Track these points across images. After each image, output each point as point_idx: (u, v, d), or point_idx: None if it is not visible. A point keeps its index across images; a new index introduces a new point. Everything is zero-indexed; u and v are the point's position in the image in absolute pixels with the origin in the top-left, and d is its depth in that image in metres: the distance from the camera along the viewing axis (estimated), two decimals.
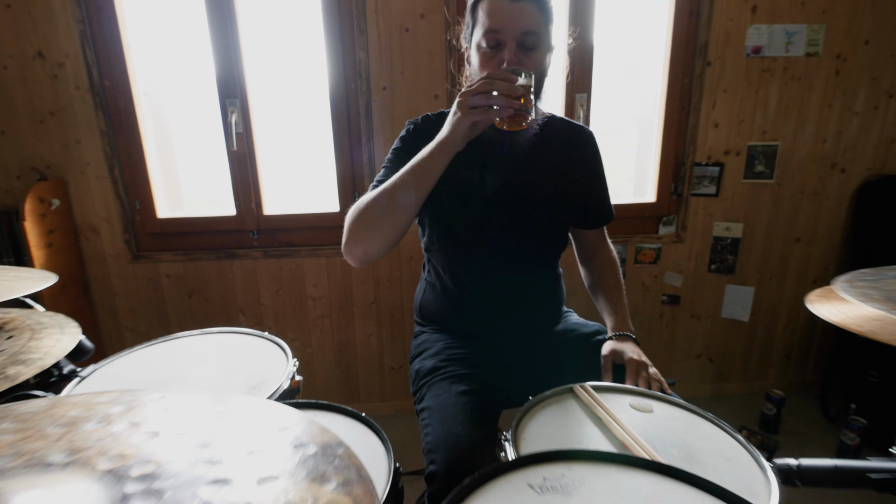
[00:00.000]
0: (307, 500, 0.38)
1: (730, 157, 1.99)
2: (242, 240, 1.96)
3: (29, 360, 0.73)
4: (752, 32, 1.86)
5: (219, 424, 0.46)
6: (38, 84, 1.74)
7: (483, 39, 0.96)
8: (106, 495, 0.36)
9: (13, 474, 0.37)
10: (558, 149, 1.11)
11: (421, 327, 1.23)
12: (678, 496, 0.53)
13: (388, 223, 0.95)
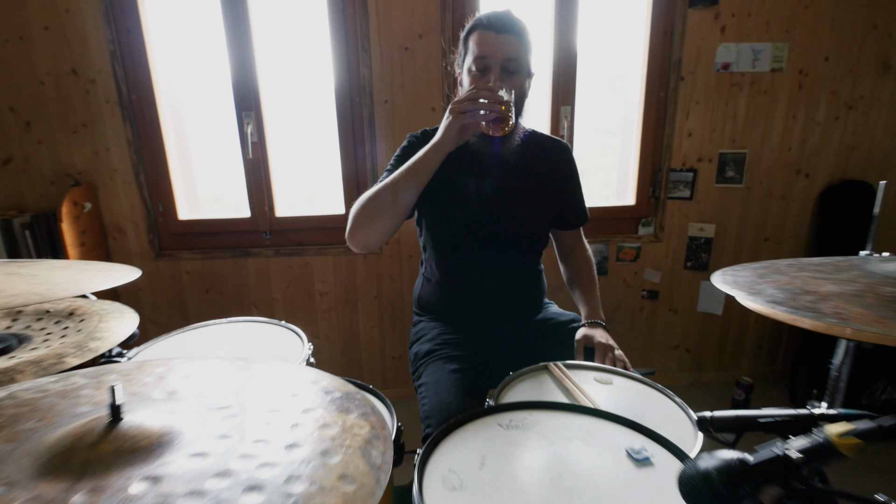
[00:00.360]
0: (337, 422, 0.56)
1: (702, 164, 2.17)
2: (256, 240, 2.14)
3: (102, 338, 0.91)
4: (722, 50, 2.04)
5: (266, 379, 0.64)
6: (72, 98, 1.92)
7: (473, 64, 1.14)
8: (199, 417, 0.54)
9: (132, 407, 0.55)
10: (538, 160, 1.29)
11: (419, 317, 1.41)
12: (608, 431, 0.71)
13: (387, 214, 1.13)
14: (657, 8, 2.02)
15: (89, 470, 0.43)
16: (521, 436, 0.70)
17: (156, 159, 2.03)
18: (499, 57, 1.12)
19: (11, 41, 1.85)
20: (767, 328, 2.40)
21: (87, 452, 0.46)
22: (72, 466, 0.44)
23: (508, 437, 0.70)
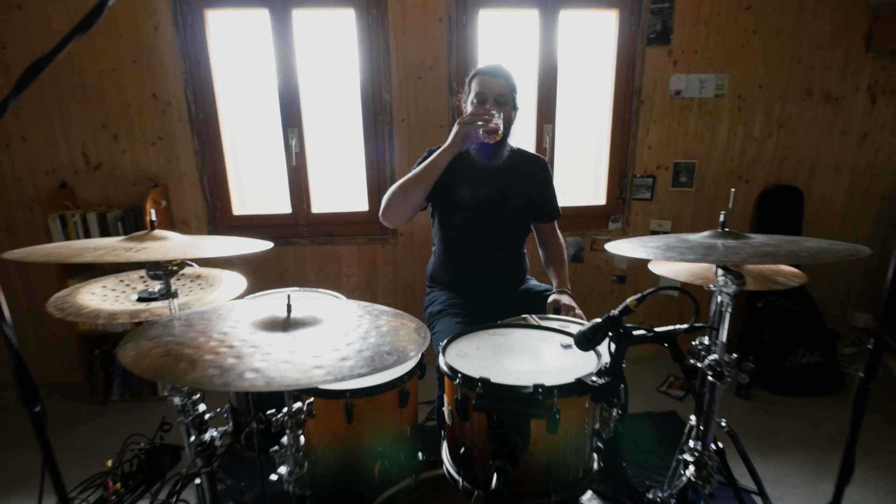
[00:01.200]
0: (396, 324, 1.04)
1: (660, 171, 2.65)
2: (295, 231, 2.62)
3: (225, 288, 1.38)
4: (674, 80, 2.52)
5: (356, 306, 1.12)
6: (152, 117, 2.40)
7: (475, 98, 1.62)
8: (329, 314, 1.01)
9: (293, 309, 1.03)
10: (522, 171, 1.76)
11: (430, 288, 1.89)
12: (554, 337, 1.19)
13: (410, 198, 1.61)
14: (622, 46, 2.50)
15: (284, 328, 0.91)
16: (502, 338, 1.18)
17: (216, 166, 2.51)
18: (492, 92, 1.60)
19: (106, 72, 2.33)
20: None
21: (281, 323, 0.93)
22: (274, 326, 0.92)
23: (494, 338, 1.18)
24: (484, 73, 1.62)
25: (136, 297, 1.38)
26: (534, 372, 1.02)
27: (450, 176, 1.62)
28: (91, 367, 2.51)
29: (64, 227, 2.32)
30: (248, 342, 0.85)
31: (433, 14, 2.37)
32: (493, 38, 2.49)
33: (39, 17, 2.26)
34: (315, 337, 0.88)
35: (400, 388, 1.29)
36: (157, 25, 2.30)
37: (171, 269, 1.14)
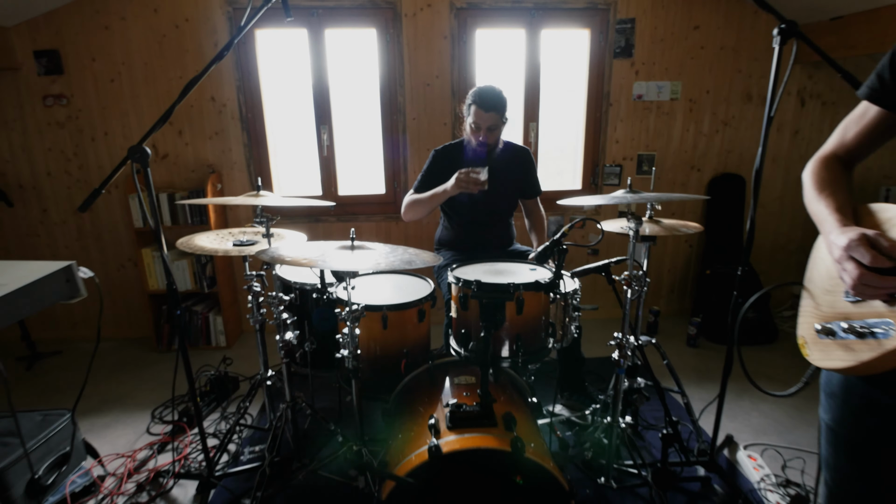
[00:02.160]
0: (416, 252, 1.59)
1: (626, 161, 3.21)
2: (324, 211, 3.16)
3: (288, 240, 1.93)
4: (637, 86, 3.07)
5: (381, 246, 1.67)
6: (210, 116, 2.94)
7: (472, 124, 2.13)
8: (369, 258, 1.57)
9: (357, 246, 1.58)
10: (510, 160, 2.29)
11: (437, 249, 2.44)
12: (526, 265, 1.74)
13: (419, 213, 2.15)
14: (593, 58, 3.05)
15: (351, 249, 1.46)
16: (491, 265, 1.73)
17: (261, 156, 3.06)
18: (485, 124, 2.09)
19: (174, 79, 2.88)
20: (677, 276, 3.44)
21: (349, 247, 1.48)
22: (345, 248, 1.47)
23: (485, 266, 1.73)
24: (479, 105, 2.03)
25: (232, 243, 1.93)
26: (509, 279, 1.57)
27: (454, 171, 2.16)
28: (158, 321, 3.06)
29: (141, 205, 2.87)
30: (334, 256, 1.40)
31: (439, 33, 2.92)
32: (488, 52, 3.04)
33: (122, 35, 2.81)
34: (369, 254, 1.43)
35: (419, 307, 1.84)
36: (217, 42, 2.85)
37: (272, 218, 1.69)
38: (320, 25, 2.89)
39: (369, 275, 2.16)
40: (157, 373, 2.82)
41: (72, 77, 2.84)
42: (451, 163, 2.16)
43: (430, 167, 2.23)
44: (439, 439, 1.32)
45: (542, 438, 1.55)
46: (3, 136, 2.91)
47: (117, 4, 2.76)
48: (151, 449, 2.15)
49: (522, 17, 2.95)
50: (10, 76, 2.81)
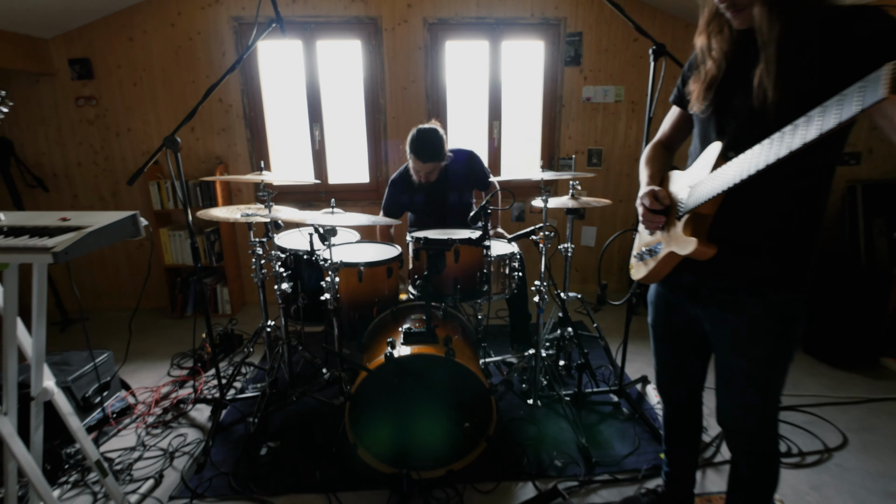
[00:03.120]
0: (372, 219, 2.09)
1: (578, 155, 3.70)
2: (317, 197, 3.65)
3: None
4: (585, 90, 3.57)
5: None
6: (218, 115, 3.43)
7: (412, 169, 2.60)
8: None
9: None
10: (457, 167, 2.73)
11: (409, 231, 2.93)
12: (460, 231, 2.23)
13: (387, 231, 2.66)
14: (547, 66, 3.55)
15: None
16: (441, 231, 2.22)
17: (261, 149, 3.55)
18: (424, 171, 2.54)
19: (188, 83, 3.37)
20: (626, 256, 3.94)
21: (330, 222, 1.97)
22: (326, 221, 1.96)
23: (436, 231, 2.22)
24: (417, 157, 2.47)
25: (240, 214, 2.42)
26: (450, 236, 2.06)
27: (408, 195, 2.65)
28: (173, 291, 3.55)
29: (159, 191, 3.36)
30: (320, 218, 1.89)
31: (414, 44, 3.41)
32: (456, 60, 3.54)
33: (144, 46, 3.30)
34: (344, 217, 1.92)
35: (388, 266, 2.33)
36: (224, 52, 3.34)
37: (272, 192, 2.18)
38: (313, 37, 3.39)
39: (352, 243, 2.65)
40: (174, 334, 3.31)
41: (100, 81, 3.33)
42: (405, 187, 2.67)
43: (389, 194, 2.75)
44: (394, 350, 1.82)
45: (476, 357, 2.04)
46: (40, 131, 3.40)
47: (140, 19, 3.25)
48: (173, 385, 2.65)
49: (485, 31, 3.45)
50: (48, 80, 3.30)
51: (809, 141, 0.83)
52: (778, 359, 1.22)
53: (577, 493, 1.87)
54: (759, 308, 1.18)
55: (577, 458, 2.03)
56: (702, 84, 1.23)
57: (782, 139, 0.90)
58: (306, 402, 2.42)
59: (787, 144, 0.88)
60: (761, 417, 1.28)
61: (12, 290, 1.47)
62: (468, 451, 1.92)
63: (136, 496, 1.86)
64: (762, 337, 1.20)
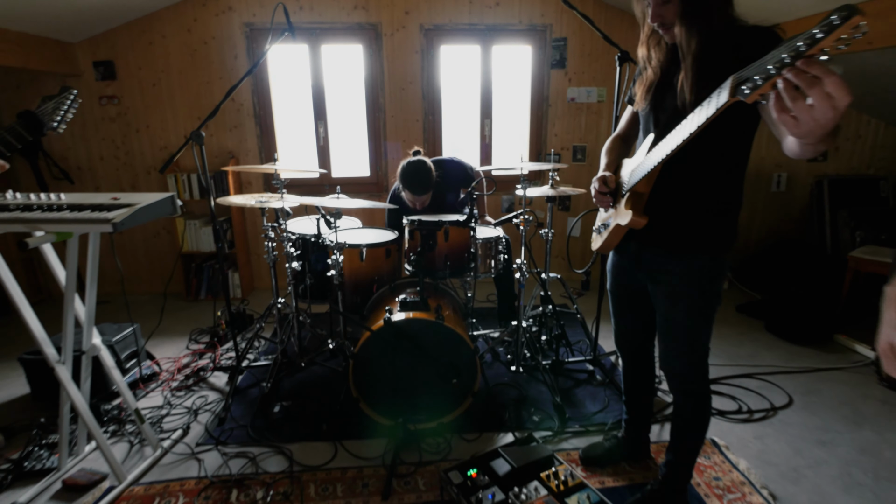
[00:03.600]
0: (371, 202, 2.37)
1: (564, 151, 3.99)
2: (321, 189, 3.93)
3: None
4: (570, 91, 3.85)
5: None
6: (230, 113, 3.72)
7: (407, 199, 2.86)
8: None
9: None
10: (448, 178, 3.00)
11: None
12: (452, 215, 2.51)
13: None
14: (535, 68, 3.83)
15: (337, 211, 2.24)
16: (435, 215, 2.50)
17: (269, 145, 3.84)
18: (417, 203, 2.79)
19: (203, 83, 3.65)
20: None
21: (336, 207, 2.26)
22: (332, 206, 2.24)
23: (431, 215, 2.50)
24: (411, 191, 2.65)
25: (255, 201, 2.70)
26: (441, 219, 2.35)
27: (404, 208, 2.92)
28: (188, 276, 3.83)
29: (175, 183, 3.64)
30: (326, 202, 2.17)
31: (411, 48, 3.70)
32: (451, 63, 3.83)
33: (163, 49, 3.58)
34: (347, 201, 2.21)
35: (386, 247, 2.61)
36: (237, 55, 3.63)
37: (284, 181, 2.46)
38: (318, 41, 3.67)
39: (355, 229, 2.94)
40: (189, 315, 3.59)
41: (122, 82, 3.61)
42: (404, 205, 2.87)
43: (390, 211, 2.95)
44: (392, 315, 2.10)
45: (463, 326, 2.33)
46: (66, 128, 3.67)
47: (160, 25, 3.54)
48: (193, 356, 2.93)
49: (477, 36, 3.73)
50: (74, 81, 3.58)
51: (694, 130, 1.12)
52: (702, 311, 1.50)
53: (551, 441, 2.15)
54: (685, 270, 1.47)
55: (553, 415, 2.31)
56: (643, 87, 1.51)
57: (682, 128, 1.19)
58: (314, 369, 2.71)
59: (684, 131, 1.17)
60: (691, 361, 1.56)
61: (73, 258, 1.77)
62: (456, 405, 2.20)
63: (169, 442, 2.14)
64: (688, 293, 1.48)
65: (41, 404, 2.43)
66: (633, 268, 1.64)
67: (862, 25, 0.70)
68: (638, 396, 1.94)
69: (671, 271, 1.50)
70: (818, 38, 0.75)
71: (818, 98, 0.79)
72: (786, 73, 0.81)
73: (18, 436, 2.20)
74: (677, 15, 1.31)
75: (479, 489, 1.72)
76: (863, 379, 2.66)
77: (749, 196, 4.15)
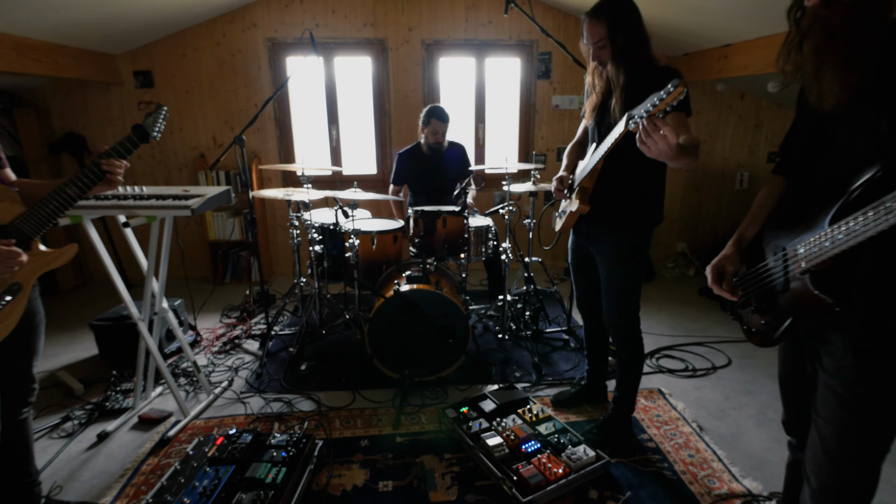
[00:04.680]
0: (380, 196, 2.87)
1: (549, 152, 4.48)
2: (334, 184, 4.42)
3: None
4: (555, 98, 4.34)
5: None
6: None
7: (432, 132, 3.39)
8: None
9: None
10: (452, 154, 3.56)
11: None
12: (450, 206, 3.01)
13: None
14: (523, 78, 4.32)
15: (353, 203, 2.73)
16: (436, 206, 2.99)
17: (288, 146, 4.32)
18: (441, 130, 3.37)
19: (230, 91, 4.13)
20: None
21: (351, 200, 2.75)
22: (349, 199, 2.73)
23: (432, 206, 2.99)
24: (438, 119, 3.31)
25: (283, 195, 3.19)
26: (440, 208, 2.84)
27: (415, 165, 3.42)
28: (215, 261, 4.32)
29: (206, 178, 4.12)
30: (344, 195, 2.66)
31: (414, 61, 4.18)
32: (449, 73, 4.31)
33: (195, 61, 4.06)
34: (361, 194, 2.69)
35: (394, 234, 3.10)
36: (260, 66, 4.11)
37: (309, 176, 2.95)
38: (331, 54, 4.15)
39: (367, 219, 3.43)
40: (218, 296, 4.08)
41: (159, 89, 4.09)
42: (411, 161, 3.43)
43: (398, 166, 3.51)
44: (400, 287, 2.59)
45: (458, 298, 2.82)
46: (108, 129, 4.16)
47: (192, 39, 4.01)
48: (227, 328, 3.43)
49: (472, 50, 4.22)
50: (116, 88, 4.06)
51: (610, 145, 1.62)
52: (632, 274, 2.00)
53: (529, 390, 2.65)
54: (617, 243, 1.96)
55: (531, 371, 2.81)
56: (590, 107, 2.00)
57: (604, 143, 1.69)
58: (332, 337, 3.20)
59: (605, 145, 1.67)
60: (625, 314, 2.06)
61: (155, 238, 2.26)
62: (452, 362, 2.70)
63: (219, 389, 2.64)
64: (620, 261, 1.98)
65: (108, 362, 2.92)
66: (585, 243, 2.14)
67: (684, 91, 1.21)
68: (596, 350, 2.43)
69: (607, 244, 1.99)
70: (659, 100, 1.27)
71: (655, 138, 1.30)
72: (643, 120, 1.32)
73: (93, 386, 2.70)
74: (610, 57, 1.80)
75: (469, 420, 2.22)
76: None
77: (715, 193, 4.66)
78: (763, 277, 1.20)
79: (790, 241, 1.11)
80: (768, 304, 1.18)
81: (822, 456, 1.11)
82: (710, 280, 1.32)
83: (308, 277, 3.26)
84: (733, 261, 1.31)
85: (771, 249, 1.20)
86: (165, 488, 1.75)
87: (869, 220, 0.88)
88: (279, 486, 1.76)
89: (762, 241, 1.26)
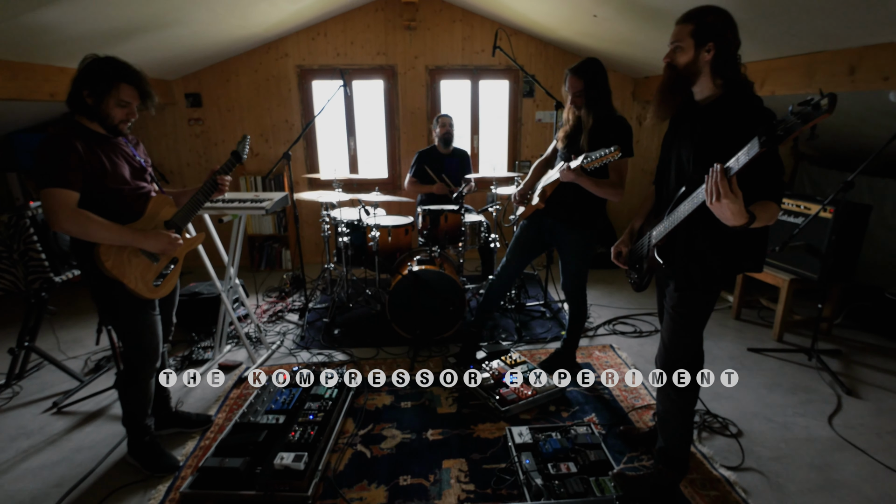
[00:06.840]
0: (394, 197, 3.68)
1: (533, 159, 5.28)
2: (352, 187, 5.22)
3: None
4: (537, 114, 5.14)
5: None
6: (285, 131, 5.00)
7: (441, 126, 4.22)
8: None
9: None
10: (457, 158, 4.37)
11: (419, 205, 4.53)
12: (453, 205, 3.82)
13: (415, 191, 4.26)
14: (511, 97, 5.12)
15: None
16: (440, 206, 3.80)
17: (313, 155, 5.13)
18: (448, 125, 4.20)
19: (266, 109, 4.93)
20: None
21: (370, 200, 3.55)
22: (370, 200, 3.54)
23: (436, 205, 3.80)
24: (442, 116, 4.21)
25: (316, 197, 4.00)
26: (444, 206, 3.64)
27: (430, 161, 4.25)
28: (252, 252, 5.13)
29: (245, 183, 4.92)
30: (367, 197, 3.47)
31: (419, 83, 4.98)
32: (448, 93, 5.11)
33: (236, 84, 4.86)
34: (380, 196, 3.50)
35: (406, 228, 3.91)
36: (290, 88, 4.91)
37: (338, 180, 3.76)
38: (350, 78, 4.95)
39: (384, 216, 4.23)
40: (257, 281, 4.89)
41: (206, 108, 4.89)
42: (429, 158, 4.24)
43: (418, 161, 4.31)
44: (413, 268, 3.41)
45: (456, 276, 3.64)
46: (163, 142, 4.96)
47: (235, 66, 4.81)
48: (269, 305, 4.24)
49: (468, 74, 5.02)
50: (170, 108, 4.86)
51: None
52: (582, 257, 2.82)
53: (511, 348, 3.47)
54: (571, 235, 2.77)
55: (513, 333, 3.63)
56: (562, 134, 2.80)
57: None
58: (357, 311, 4.02)
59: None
60: (575, 284, 2.88)
61: (235, 231, 3.07)
62: (451, 326, 3.51)
63: (274, 346, 3.45)
64: (573, 248, 2.80)
65: (184, 328, 3.73)
66: (538, 231, 2.93)
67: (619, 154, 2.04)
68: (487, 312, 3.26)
69: (563, 234, 2.80)
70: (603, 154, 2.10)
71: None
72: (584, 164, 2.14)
73: (177, 345, 3.51)
74: (583, 104, 2.59)
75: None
76: (722, 315, 3.99)
77: None
78: (638, 251, 2.02)
79: (652, 228, 1.92)
80: (640, 266, 2.00)
81: (662, 349, 1.94)
82: (612, 257, 2.13)
83: (336, 264, 4.07)
84: (626, 243, 2.12)
85: (644, 234, 2.01)
86: (255, 402, 2.57)
87: (679, 212, 1.69)
88: (334, 398, 2.58)
89: (642, 229, 2.07)
